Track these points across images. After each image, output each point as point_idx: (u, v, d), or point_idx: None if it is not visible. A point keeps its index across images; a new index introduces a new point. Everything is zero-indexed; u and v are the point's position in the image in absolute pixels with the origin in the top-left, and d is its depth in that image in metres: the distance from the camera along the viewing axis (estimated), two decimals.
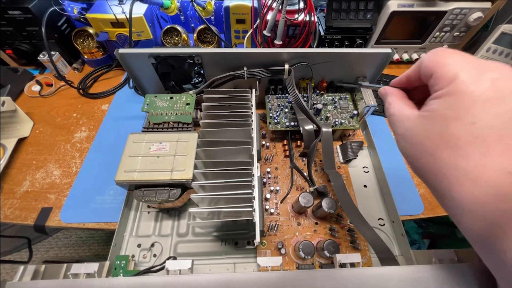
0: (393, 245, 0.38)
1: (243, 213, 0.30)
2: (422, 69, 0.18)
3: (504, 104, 0.14)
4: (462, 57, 0.16)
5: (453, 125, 0.15)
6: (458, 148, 0.15)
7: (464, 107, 0.15)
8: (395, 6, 0.53)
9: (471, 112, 0.15)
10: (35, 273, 0.26)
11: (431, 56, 0.18)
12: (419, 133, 0.17)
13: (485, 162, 0.14)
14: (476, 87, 0.15)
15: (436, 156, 0.16)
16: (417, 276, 0.21)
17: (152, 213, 0.41)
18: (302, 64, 0.43)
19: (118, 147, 0.36)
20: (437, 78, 0.17)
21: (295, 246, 0.36)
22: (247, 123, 0.38)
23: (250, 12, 0.59)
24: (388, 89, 0.23)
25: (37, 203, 0.43)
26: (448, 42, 0.62)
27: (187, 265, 0.28)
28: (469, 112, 0.15)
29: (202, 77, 0.48)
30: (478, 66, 0.16)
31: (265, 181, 0.42)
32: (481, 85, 0.15)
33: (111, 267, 0.33)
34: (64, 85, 0.61)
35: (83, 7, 0.59)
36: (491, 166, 0.14)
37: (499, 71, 0.15)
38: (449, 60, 0.16)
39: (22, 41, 0.60)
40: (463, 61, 0.16)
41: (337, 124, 0.44)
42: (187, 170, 0.34)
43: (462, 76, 0.15)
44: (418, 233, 0.81)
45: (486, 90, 0.15)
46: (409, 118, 0.18)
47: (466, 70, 0.15)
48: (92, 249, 1.03)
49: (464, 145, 0.15)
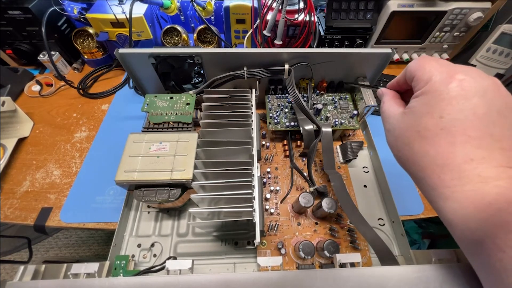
0: (393, 245, 0.38)
1: (243, 213, 0.30)
2: (407, 73, 0.22)
3: (467, 101, 0.16)
4: (438, 63, 0.19)
5: (425, 119, 0.18)
6: (427, 138, 0.18)
7: (434, 103, 0.17)
8: (395, 6, 0.53)
9: (439, 108, 0.17)
10: (35, 273, 0.26)
11: (414, 63, 0.21)
12: (400, 127, 0.20)
13: (451, 150, 0.16)
14: (445, 87, 0.17)
15: (411, 145, 0.19)
16: (417, 276, 0.21)
17: (152, 213, 0.41)
18: (302, 64, 0.43)
19: (118, 147, 0.36)
20: (416, 80, 0.20)
21: (295, 246, 0.36)
22: (247, 123, 0.38)
23: (250, 12, 0.59)
24: (384, 90, 0.26)
25: (37, 203, 0.43)
26: (448, 42, 0.62)
27: (187, 265, 0.28)
28: (438, 107, 0.17)
29: (202, 77, 0.48)
30: (450, 69, 0.18)
31: (265, 181, 0.42)
32: (450, 85, 0.17)
33: (111, 267, 0.33)
34: (64, 85, 0.61)
35: (83, 7, 0.59)
36: (455, 154, 0.16)
37: (466, 74, 0.17)
38: (427, 65, 0.19)
39: (22, 41, 0.60)
40: (438, 66, 0.19)
41: (337, 124, 0.44)
42: (187, 170, 0.34)
43: (435, 78, 0.18)
44: (418, 233, 0.81)
45: (453, 89, 0.17)
46: (395, 115, 0.21)
47: (439, 73, 0.18)
48: (92, 249, 1.03)
49: (432, 135, 0.17)
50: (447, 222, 0.17)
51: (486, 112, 0.16)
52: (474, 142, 0.16)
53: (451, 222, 0.17)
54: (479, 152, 0.16)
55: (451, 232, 0.17)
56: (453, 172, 0.16)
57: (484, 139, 0.16)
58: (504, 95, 0.17)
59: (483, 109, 0.16)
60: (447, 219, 0.17)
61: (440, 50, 0.64)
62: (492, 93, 0.16)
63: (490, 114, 0.16)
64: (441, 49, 0.64)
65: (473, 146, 0.16)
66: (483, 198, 0.15)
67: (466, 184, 0.16)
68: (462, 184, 0.16)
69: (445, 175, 0.16)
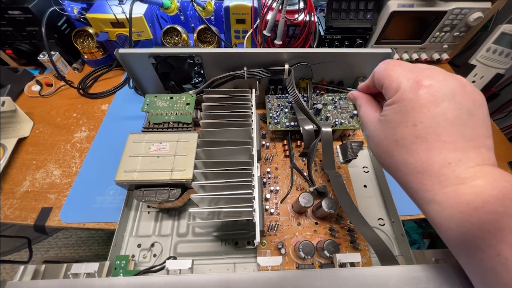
0: (393, 245, 0.38)
1: (243, 213, 0.30)
2: (375, 81, 0.22)
3: (437, 107, 0.17)
4: (403, 68, 0.19)
5: (400, 128, 0.18)
6: (405, 146, 0.18)
7: (406, 112, 0.18)
8: (395, 6, 0.53)
9: (411, 116, 0.18)
10: (35, 273, 0.26)
11: (379, 69, 0.21)
12: (379, 135, 0.21)
13: (428, 157, 0.17)
14: (414, 94, 0.18)
15: (390, 154, 0.19)
16: (417, 275, 0.21)
17: (152, 213, 0.41)
18: (302, 64, 0.43)
19: (118, 147, 0.36)
20: (386, 89, 0.20)
21: (295, 246, 0.36)
22: (247, 123, 0.38)
23: (250, 12, 0.59)
24: (356, 94, 0.26)
25: (37, 203, 0.43)
26: (448, 42, 0.62)
27: (187, 265, 0.28)
28: (410, 116, 0.18)
29: (202, 77, 0.48)
30: (416, 75, 0.18)
31: (265, 181, 0.42)
32: (418, 92, 0.17)
33: (111, 267, 0.33)
34: (64, 85, 0.61)
35: (83, 7, 0.59)
36: (433, 160, 0.17)
37: (432, 78, 0.18)
38: (393, 72, 0.20)
39: (22, 41, 0.60)
40: (404, 72, 0.19)
41: (337, 124, 0.44)
42: (187, 170, 0.34)
43: (403, 85, 0.18)
44: (418, 233, 0.81)
45: (422, 96, 0.17)
46: (372, 121, 0.22)
47: (406, 80, 0.18)
48: (92, 249, 1.03)
49: (409, 144, 0.18)
50: (433, 224, 0.17)
51: (457, 115, 0.16)
52: (449, 146, 0.16)
53: (436, 224, 0.17)
54: (455, 156, 0.16)
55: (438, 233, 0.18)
56: (433, 177, 0.17)
57: (458, 142, 0.16)
58: (471, 92, 0.17)
59: (453, 112, 0.17)
60: (432, 221, 0.18)
61: (440, 50, 0.64)
62: (460, 94, 0.17)
63: (460, 116, 0.17)
64: (441, 49, 0.64)
65: (448, 150, 0.16)
66: (461, 199, 0.15)
67: (446, 187, 0.16)
68: (442, 187, 0.16)
69: (426, 180, 0.17)
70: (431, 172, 0.17)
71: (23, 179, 0.46)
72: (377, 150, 0.21)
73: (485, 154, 0.16)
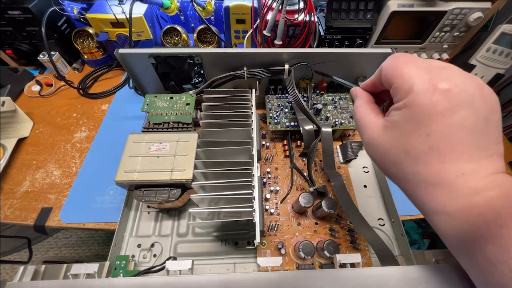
0: (393, 245, 0.38)
1: (243, 213, 0.30)
2: (383, 78, 0.19)
3: (454, 115, 0.15)
4: (417, 66, 0.17)
5: (412, 137, 0.17)
6: (416, 157, 0.17)
7: (420, 120, 0.16)
8: (395, 6, 0.53)
9: (426, 125, 0.16)
10: (35, 273, 0.26)
11: (388, 65, 0.19)
12: (384, 143, 0.19)
13: (442, 168, 0.16)
14: (429, 100, 0.16)
15: (399, 164, 0.18)
16: (417, 276, 0.21)
17: (152, 213, 0.41)
18: (302, 64, 0.43)
19: (118, 147, 0.36)
20: (395, 89, 0.18)
21: (295, 246, 0.36)
22: (247, 123, 0.38)
23: (250, 12, 0.59)
24: (359, 90, 0.23)
25: (37, 203, 0.43)
26: (448, 42, 0.61)
27: (187, 265, 0.28)
28: (424, 124, 0.16)
29: (202, 77, 0.48)
30: (431, 76, 0.16)
31: (265, 181, 0.42)
32: (434, 97, 0.16)
33: (111, 267, 0.33)
34: (64, 85, 0.61)
35: (83, 7, 0.59)
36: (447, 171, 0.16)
37: (450, 81, 0.16)
38: (405, 70, 0.17)
39: (22, 41, 0.60)
40: (418, 72, 0.17)
41: (337, 124, 0.44)
42: (187, 170, 0.34)
43: (417, 88, 0.16)
44: (418, 233, 0.81)
45: (438, 102, 0.15)
46: (374, 127, 0.20)
47: (420, 82, 0.16)
48: (92, 249, 1.03)
49: (421, 154, 0.16)
50: (439, 233, 0.17)
51: (474, 123, 0.15)
52: (464, 156, 0.15)
53: (443, 233, 0.16)
54: (469, 166, 0.15)
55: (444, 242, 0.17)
56: (445, 189, 0.16)
57: (473, 151, 0.15)
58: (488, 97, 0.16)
59: (471, 120, 0.15)
60: (439, 231, 0.17)
61: (440, 50, 0.64)
62: (479, 100, 0.16)
63: (477, 124, 0.15)
64: (441, 49, 0.64)
65: (463, 161, 0.15)
66: (473, 211, 0.15)
67: (458, 198, 0.15)
68: (454, 198, 0.15)
69: (437, 192, 0.16)
70: (443, 184, 0.16)
71: (23, 179, 0.46)
72: (382, 160, 0.19)
73: (497, 162, 0.16)
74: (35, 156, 0.49)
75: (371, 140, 0.20)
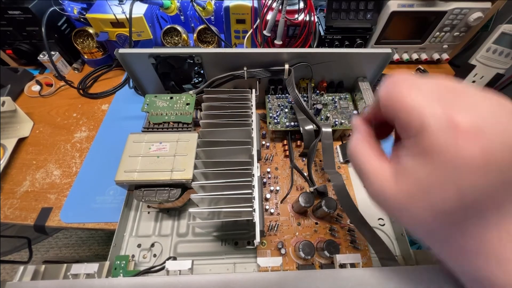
0: (393, 245, 0.38)
1: (243, 213, 0.30)
2: (382, 109, 0.16)
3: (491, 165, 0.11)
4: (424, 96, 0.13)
5: (438, 196, 0.13)
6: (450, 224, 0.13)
7: (446, 174, 0.12)
8: (395, 6, 0.53)
9: (453, 179, 0.12)
10: (35, 273, 0.26)
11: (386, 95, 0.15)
12: (399, 199, 0.14)
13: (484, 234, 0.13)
14: (453, 146, 0.12)
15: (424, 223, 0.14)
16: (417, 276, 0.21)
17: (152, 213, 0.41)
18: (302, 64, 0.43)
19: (118, 147, 0.36)
20: (401, 127, 0.14)
21: (295, 246, 0.36)
22: (247, 123, 0.38)
23: (250, 12, 0.59)
24: (358, 122, 0.19)
25: (37, 203, 0.43)
26: (448, 42, 0.62)
27: (187, 265, 0.28)
28: (451, 179, 0.12)
29: (202, 77, 0.48)
30: (445, 107, 0.12)
31: (265, 181, 0.42)
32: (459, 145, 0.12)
33: (111, 267, 0.33)
34: (64, 85, 0.61)
35: (83, 7, 0.59)
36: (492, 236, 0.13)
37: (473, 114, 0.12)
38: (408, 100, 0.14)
39: (22, 41, 0.60)
40: (427, 103, 0.13)
41: (337, 124, 0.44)
42: (187, 170, 0.34)
43: (431, 127, 0.12)
44: None
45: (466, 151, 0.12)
46: (380, 175, 0.16)
47: (434, 118, 0.12)
48: (92, 249, 1.03)
49: (455, 216, 0.13)
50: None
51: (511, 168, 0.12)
52: (508, 214, 0.12)
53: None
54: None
55: None
56: (490, 258, 0.13)
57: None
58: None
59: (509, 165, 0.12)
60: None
61: (440, 50, 0.64)
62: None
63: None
64: (441, 49, 0.64)
65: (507, 222, 0.12)
66: None
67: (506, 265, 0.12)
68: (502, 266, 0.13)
69: (480, 261, 0.13)
70: (488, 253, 0.13)
71: (23, 179, 0.46)
72: (392, 214, 0.16)
73: None
74: (35, 156, 0.49)
75: (377, 192, 0.16)
